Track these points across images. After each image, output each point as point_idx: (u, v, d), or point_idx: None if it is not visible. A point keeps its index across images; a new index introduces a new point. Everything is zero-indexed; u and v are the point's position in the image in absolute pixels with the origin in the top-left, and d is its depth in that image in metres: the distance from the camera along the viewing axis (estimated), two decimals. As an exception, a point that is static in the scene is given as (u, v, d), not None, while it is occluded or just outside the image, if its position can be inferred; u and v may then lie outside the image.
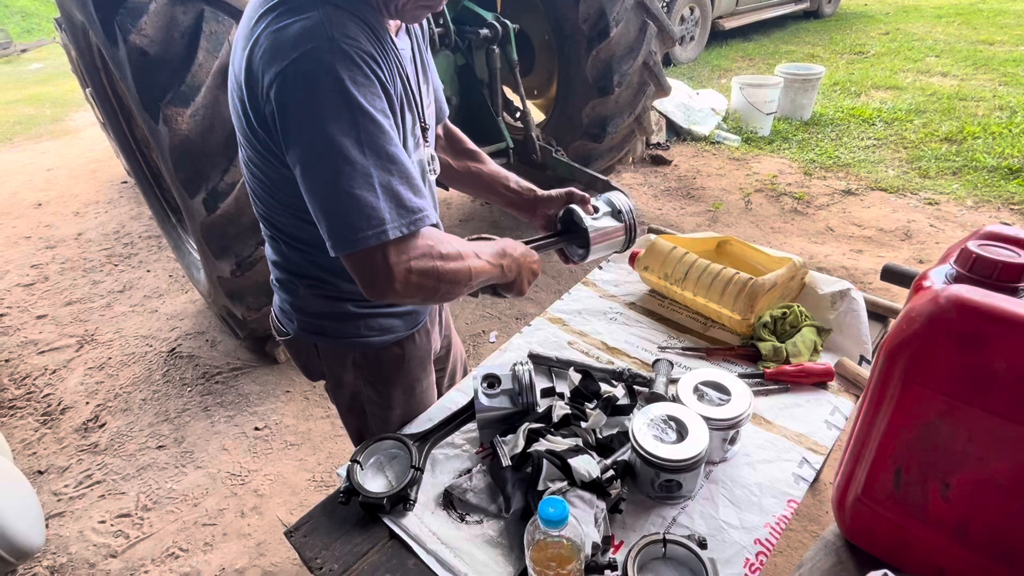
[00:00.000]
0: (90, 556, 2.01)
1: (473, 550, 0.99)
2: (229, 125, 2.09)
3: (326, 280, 1.11)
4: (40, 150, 5.94)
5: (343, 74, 0.81)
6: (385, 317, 1.18)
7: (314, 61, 0.80)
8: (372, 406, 1.28)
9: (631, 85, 3.37)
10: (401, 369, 1.25)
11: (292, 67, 0.81)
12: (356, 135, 0.83)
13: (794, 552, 1.86)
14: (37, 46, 10.83)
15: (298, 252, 1.09)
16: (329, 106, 0.81)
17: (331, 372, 1.24)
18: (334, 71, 0.80)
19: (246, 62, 0.87)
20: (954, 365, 0.72)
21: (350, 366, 1.22)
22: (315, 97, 0.81)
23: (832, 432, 1.18)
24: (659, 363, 1.31)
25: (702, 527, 1.00)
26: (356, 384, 1.25)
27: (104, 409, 2.65)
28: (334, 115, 0.81)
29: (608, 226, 1.24)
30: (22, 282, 3.66)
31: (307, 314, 1.16)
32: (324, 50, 0.80)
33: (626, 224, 1.24)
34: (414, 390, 1.30)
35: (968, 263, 0.78)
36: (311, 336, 1.19)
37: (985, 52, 6.69)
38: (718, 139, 5.00)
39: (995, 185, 3.93)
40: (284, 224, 1.05)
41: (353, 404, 1.29)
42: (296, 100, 0.82)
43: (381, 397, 1.26)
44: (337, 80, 0.80)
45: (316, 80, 0.81)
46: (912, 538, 0.86)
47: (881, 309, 1.50)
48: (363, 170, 0.84)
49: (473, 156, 1.34)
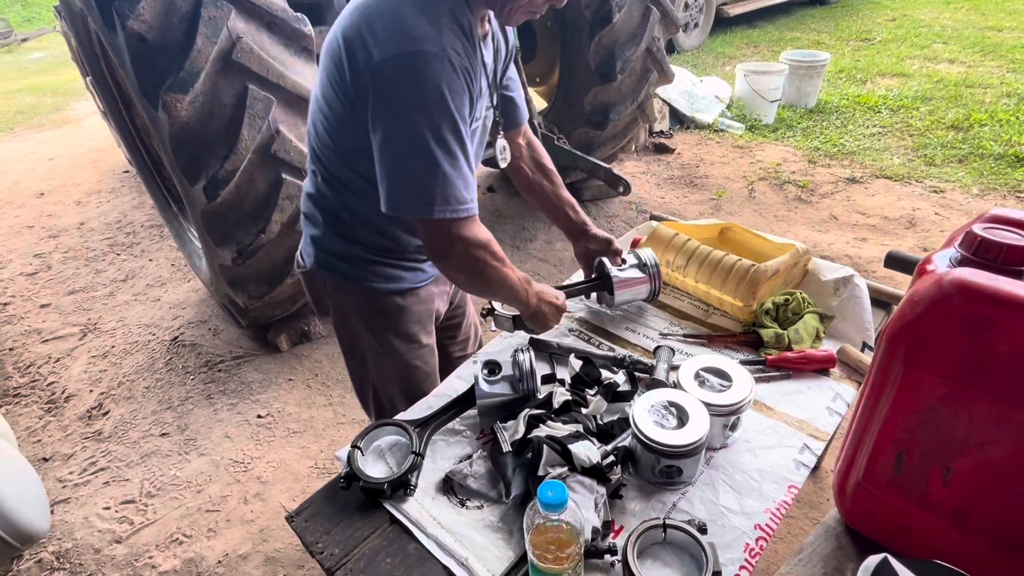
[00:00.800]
0: (95, 542, 2.03)
1: (473, 535, 0.99)
2: (229, 112, 2.09)
3: (347, 222, 1.24)
4: (42, 139, 5.92)
5: (443, 81, 0.97)
6: (392, 267, 1.29)
7: (427, 63, 0.95)
8: (372, 355, 1.38)
9: (634, 72, 3.34)
10: (400, 319, 1.34)
11: (407, 59, 0.95)
12: (436, 131, 0.99)
13: (794, 538, 1.87)
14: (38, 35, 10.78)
15: (333, 190, 1.22)
16: (425, 103, 0.97)
17: (337, 309, 1.35)
18: (438, 78, 0.96)
19: (361, 21, 1.00)
20: (957, 349, 0.71)
21: (354, 308, 1.33)
22: (416, 92, 0.97)
23: (833, 418, 1.18)
24: (660, 350, 1.31)
25: (702, 512, 1.00)
26: (358, 327, 1.35)
27: (108, 397, 2.66)
28: (426, 111, 0.98)
29: (632, 277, 1.41)
30: (25, 271, 3.67)
31: (323, 250, 1.28)
32: (438, 58, 0.96)
33: (649, 275, 1.42)
34: (412, 344, 1.38)
35: (972, 246, 0.77)
36: (323, 271, 1.30)
37: (993, 38, 6.61)
38: (722, 127, 4.96)
39: (1001, 173, 3.90)
40: (330, 162, 1.18)
41: (355, 348, 1.40)
42: (399, 87, 0.97)
43: (381, 344, 1.36)
44: (437, 85, 0.96)
45: (424, 79, 0.96)
46: (912, 523, 0.86)
47: (884, 296, 1.49)
48: (431, 159, 1.00)
49: (547, 175, 1.50)
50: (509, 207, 3.92)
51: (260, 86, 2.10)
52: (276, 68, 2.11)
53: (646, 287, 1.42)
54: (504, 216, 3.83)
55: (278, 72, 2.11)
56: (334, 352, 2.83)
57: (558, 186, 1.50)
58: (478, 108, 1.14)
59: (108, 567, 1.94)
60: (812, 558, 0.94)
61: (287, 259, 2.43)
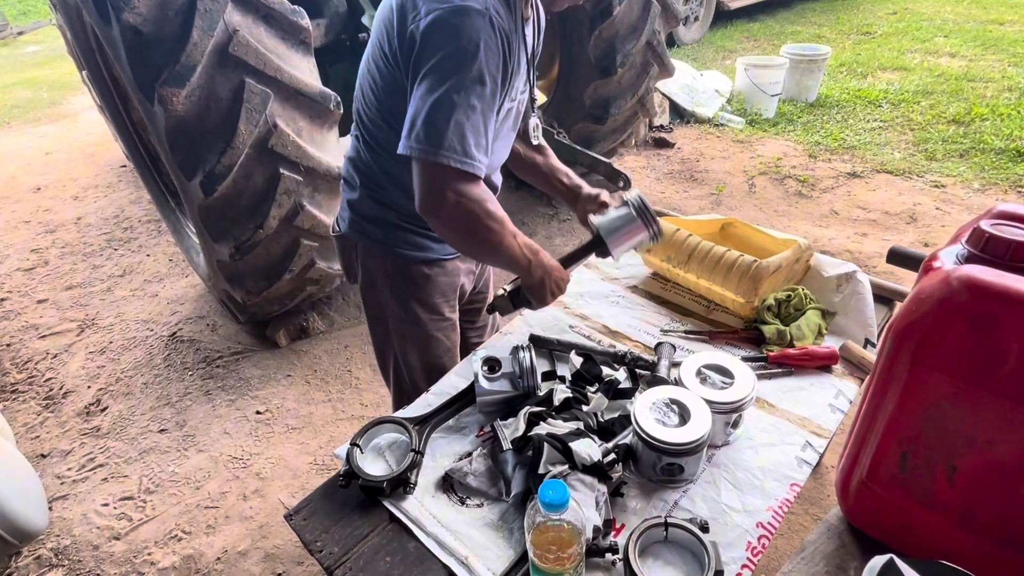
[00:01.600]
0: (93, 538, 2.02)
1: (473, 533, 0.98)
2: (225, 106, 2.07)
3: (384, 186, 1.28)
4: (38, 134, 5.89)
5: (482, 37, 1.00)
6: (421, 236, 1.33)
7: (467, 17, 0.99)
8: (396, 322, 1.42)
9: (634, 65, 3.32)
10: (426, 288, 1.38)
11: (449, 14, 1.00)
12: (462, 80, 1.01)
13: (795, 535, 1.86)
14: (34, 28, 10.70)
15: (371, 152, 1.26)
16: (459, 51, 1.00)
17: (366, 274, 1.40)
18: (477, 33, 1.00)
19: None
20: (964, 347, 0.70)
21: (381, 274, 1.37)
22: (454, 43, 1.00)
23: (836, 416, 1.17)
24: (661, 346, 1.30)
25: (704, 510, 1.00)
26: (384, 293, 1.39)
27: (106, 393, 2.65)
28: (458, 59, 1.00)
29: (618, 217, 1.26)
30: (22, 266, 3.65)
31: (358, 214, 1.33)
32: (479, 14, 1.00)
33: (639, 213, 1.24)
34: (435, 315, 1.42)
35: (980, 243, 0.76)
36: (356, 235, 1.35)
37: (995, 32, 6.57)
38: (722, 121, 4.94)
39: (1002, 167, 3.88)
40: (372, 123, 1.22)
41: (379, 314, 1.44)
42: (439, 36, 1.01)
43: (405, 311, 1.39)
44: (475, 41, 1.00)
45: (462, 34, 1.00)
46: (916, 522, 0.85)
47: (887, 292, 1.48)
48: (449, 104, 1.01)
49: (539, 149, 1.51)
50: (508, 202, 3.90)
51: (257, 80, 2.08)
52: (273, 62, 2.09)
53: (642, 230, 1.26)
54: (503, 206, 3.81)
55: (275, 66, 2.09)
56: (333, 348, 2.82)
57: (549, 157, 1.51)
58: (516, 83, 1.16)
59: (107, 564, 1.94)
60: (814, 556, 0.94)
61: (285, 254, 2.41)
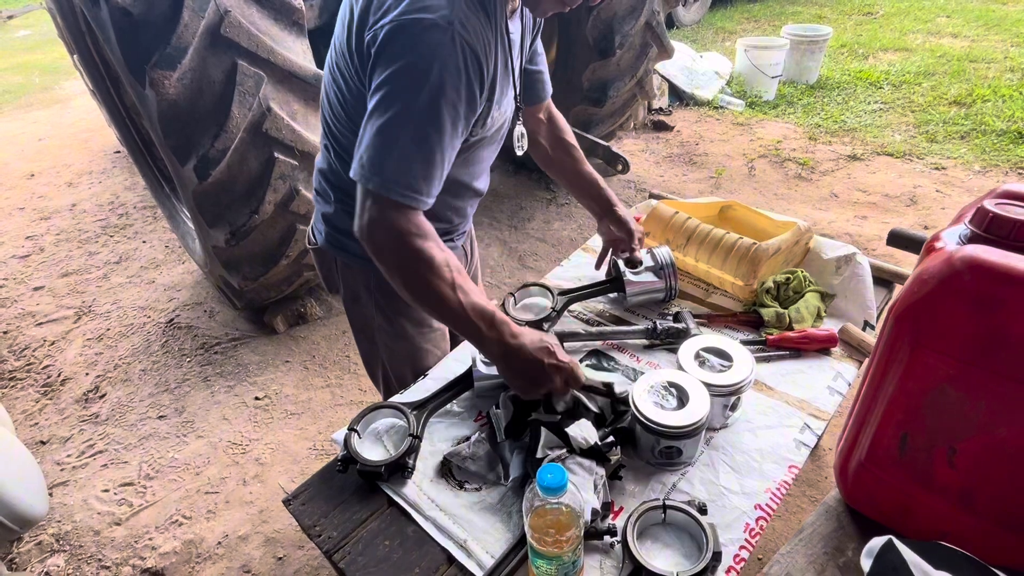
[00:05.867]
0: (94, 524, 2.03)
1: (472, 517, 0.98)
2: (218, 89, 2.04)
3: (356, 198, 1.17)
4: (31, 119, 5.82)
5: (438, 54, 0.89)
6: None
7: (425, 31, 0.88)
8: (382, 336, 1.34)
9: (633, 47, 3.27)
10: (410, 307, 1.29)
11: (410, 24, 0.89)
12: (414, 107, 0.91)
13: (792, 516, 1.88)
14: (24, 12, 10.54)
15: (344, 164, 1.15)
16: (413, 74, 0.90)
17: (348, 288, 1.32)
18: (433, 48, 0.89)
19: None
20: (967, 328, 0.69)
21: (364, 288, 1.29)
22: (408, 61, 0.90)
23: (835, 398, 1.17)
24: (681, 312, 1.34)
25: (702, 493, 1.00)
26: (368, 307, 1.32)
27: (104, 380, 2.65)
28: (411, 84, 0.91)
29: (646, 281, 1.38)
30: (17, 254, 3.63)
31: (333, 227, 1.25)
32: (441, 30, 0.88)
33: (665, 277, 1.38)
34: (423, 327, 1.35)
35: (984, 222, 0.74)
36: (334, 250, 1.27)
37: (997, 12, 6.50)
38: (722, 104, 4.89)
39: (1004, 149, 3.85)
40: (341, 134, 1.13)
41: (365, 327, 1.37)
42: (394, 50, 0.90)
43: (391, 326, 1.32)
44: (430, 61, 0.89)
45: (415, 47, 0.89)
46: (915, 504, 0.85)
47: (886, 274, 1.47)
48: (395, 133, 0.93)
49: (568, 150, 1.44)
50: (506, 186, 3.87)
51: (250, 62, 2.04)
52: (266, 43, 2.05)
53: (661, 289, 1.39)
54: (501, 196, 3.79)
55: (268, 47, 2.06)
56: (331, 333, 2.81)
57: (580, 162, 1.44)
58: (501, 94, 1.07)
59: (108, 548, 1.95)
60: (813, 538, 0.94)
61: (281, 240, 2.40)
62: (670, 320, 1.32)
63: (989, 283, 0.66)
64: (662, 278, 1.38)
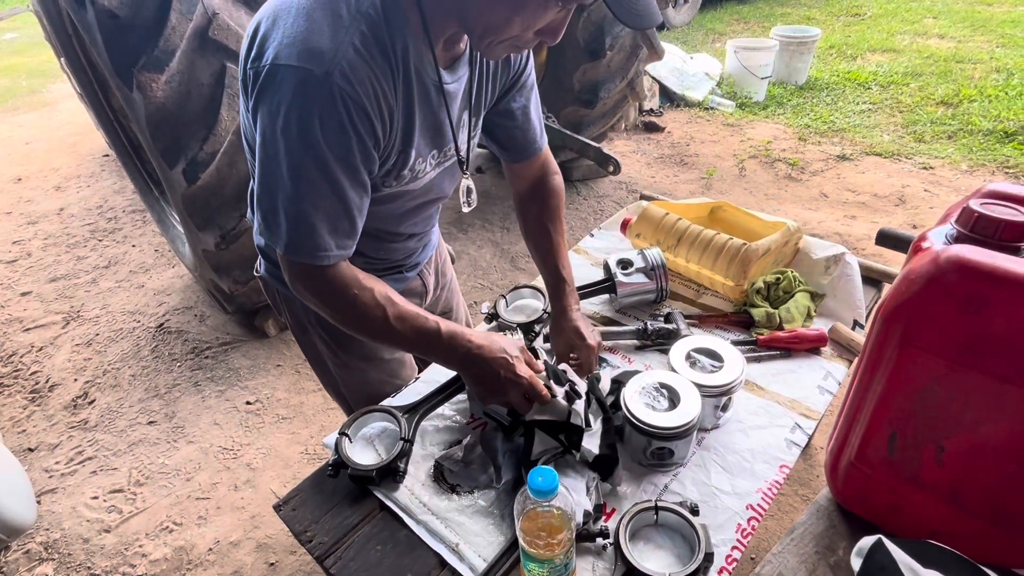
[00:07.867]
0: (84, 531, 2.01)
1: (464, 520, 0.98)
2: (207, 91, 2.03)
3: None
4: (17, 123, 5.76)
5: (314, 111, 0.81)
6: None
7: (302, 83, 0.80)
8: (335, 367, 1.29)
9: (623, 48, 3.28)
10: (358, 340, 1.21)
11: (284, 71, 0.80)
12: (301, 163, 0.84)
13: (784, 515, 1.88)
14: (10, 15, 10.43)
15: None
16: (288, 127, 0.82)
17: (294, 318, 1.26)
18: (308, 104, 0.81)
19: (270, 13, 0.85)
20: (954, 327, 0.70)
21: (308, 322, 1.23)
22: (282, 111, 0.82)
23: (825, 397, 1.17)
24: (672, 313, 1.34)
25: (694, 494, 1.00)
26: (315, 340, 1.26)
27: (93, 386, 2.62)
28: (288, 135, 0.83)
29: (637, 282, 1.38)
30: (4, 259, 3.59)
31: (271, 261, 1.18)
32: (316, 82, 0.79)
33: (656, 279, 1.38)
34: (374, 360, 1.29)
35: (969, 222, 0.75)
36: (275, 282, 1.20)
37: (983, 13, 6.57)
38: (712, 105, 4.92)
39: (990, 149, 3.90)
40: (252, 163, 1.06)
41: (317, 358, 1.31)
42: (273, 98, 0.82)
43: (339, 358, 1.27)
44: (306, 114, 0.81)
45: (292, 99, 0.81)
46: (905, 502, 0.85)
47: (875, 273, 1.48)
48: (284, 192, 0.87)
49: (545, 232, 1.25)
50: (498, 188, 3.87)
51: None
52: (255, 46, 2.04)
53: (652, 290, 1.40)
54: (493, 197, 3.78)
55: (257, 50, 2.04)
56: (323, 337, 2.79)
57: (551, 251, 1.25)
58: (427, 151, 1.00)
59: (98, 556, 1.92)
60: (804, 537, 0.94)
61: (272, 243, 2.38)
62: (661, 321, 1.33)
63: (974, 282, 0.67)
64: (653, 279, 1.38)
